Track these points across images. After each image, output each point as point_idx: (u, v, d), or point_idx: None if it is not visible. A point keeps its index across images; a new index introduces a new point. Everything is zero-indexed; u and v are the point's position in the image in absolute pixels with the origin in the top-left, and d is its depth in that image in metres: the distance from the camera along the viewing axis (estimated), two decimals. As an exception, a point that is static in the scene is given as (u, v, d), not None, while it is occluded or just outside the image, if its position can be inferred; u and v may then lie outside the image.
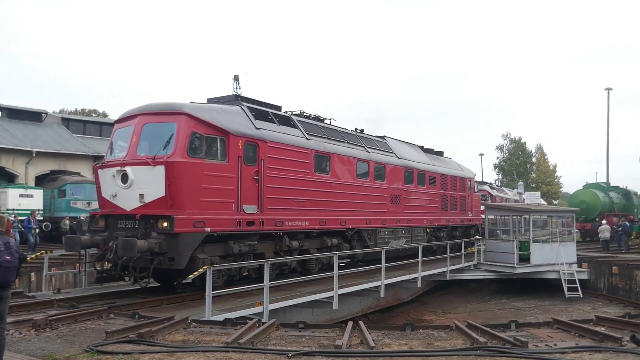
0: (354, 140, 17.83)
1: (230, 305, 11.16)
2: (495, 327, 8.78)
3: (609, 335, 7.90)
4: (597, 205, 34.06)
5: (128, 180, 11.71)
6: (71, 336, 8.24)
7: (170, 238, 11.15)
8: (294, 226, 14.33)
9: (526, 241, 20.56)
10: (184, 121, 11.79)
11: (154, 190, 11.41)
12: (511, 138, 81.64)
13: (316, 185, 15.20)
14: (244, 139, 12.77)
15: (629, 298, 19.01)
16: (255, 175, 13.07)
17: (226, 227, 12.23)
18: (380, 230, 18.27)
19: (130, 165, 11.71)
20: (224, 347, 7.32)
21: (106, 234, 12.20)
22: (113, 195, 12.13)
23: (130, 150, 11.99)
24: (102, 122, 42.55)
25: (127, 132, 12.41)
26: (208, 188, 11.87)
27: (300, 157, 14.70)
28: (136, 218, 11.58)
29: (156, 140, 11.89)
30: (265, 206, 13.30)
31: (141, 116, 12.34)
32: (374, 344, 7.42)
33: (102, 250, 12.08)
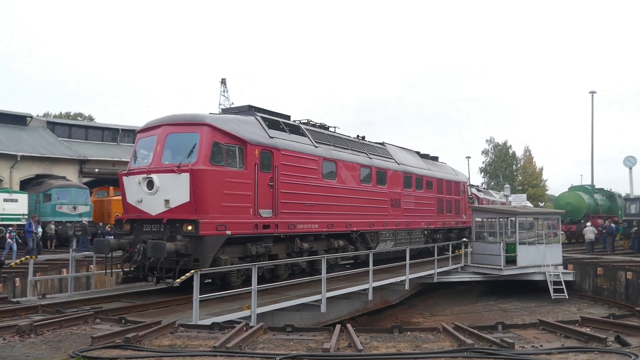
0: (357, 147, 18.73)
1: (218, 309, 11.12)
2: (482, 328, 8.83)
3: (594, 336, 7.97)
4: (582, 207, 34.43)
5: (154, 187, 12.51)
6: (56, 342, 8.15)
7: (195, 240, 11.95)
8: (304, 229, 15.19)
9: (513, 243, 20.70)
10: (206, 131, 12.61)
11: (179, 196, 12.23)
12: (495, 143, 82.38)
13: (324, 190, 16.14)
14: (259, 148, 13.67)
15: (614, 299, 19.21)
16: (270, 182, 13.97)
17: (245, 230, 13.11)
18: (382, 233, 19.20)
19: (155, 173, 12.52)
20: (211, 352, 7.28)
21: (132, 237, 13.02)
22: (138, 200, 12.89)
23: (155, 158, 12.80)
24: (88, 125, 42.33)
25: (151, 142, 13.24)
26: (228, 194, 12.72)
27: (310, 164, 15.63)
28: (163, 222, 12.34)
29: (180, 150, 12.70)
30: (279, 210, 14.19)
31: (165, 126, 13.15)
32: (362, 346, 7.42)
33: (129, 252, 12.82)
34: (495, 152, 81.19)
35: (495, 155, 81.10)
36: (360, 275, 15.73)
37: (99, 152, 36.31)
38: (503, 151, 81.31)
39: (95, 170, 34.37)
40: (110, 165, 35.47)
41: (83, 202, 28.99)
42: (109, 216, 30.92)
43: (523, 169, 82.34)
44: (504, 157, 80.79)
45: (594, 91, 41.69)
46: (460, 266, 21.00)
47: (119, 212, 30.94)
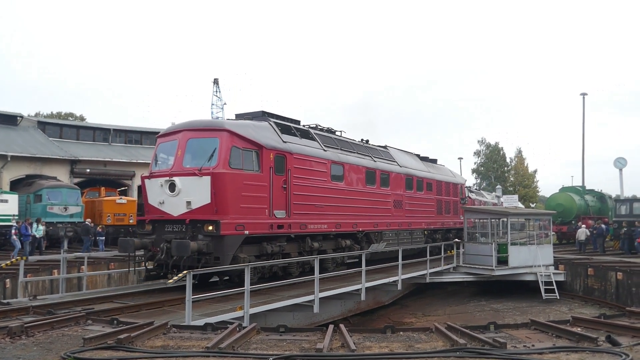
0: (362, 150, 19.56)
1: (211, 310, 11.10)
2: (474, 328, 8.86)
3: (585, 336, 8.02)
4: (573, 208, 34.63)
5: (176, 189, 13.19)
6: (48, 343, 8.10)
7: (216, 240, 12.63)
8: (315, 229, 15.96)
9: (504, 244, 20.78)
10: (226, 137, 13.30)
11: (200, 197, 12.90)
12: (487, 143, 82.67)
13: (332, 192, 16.90)
14: (274, 152, 14.41)
15: (604, 299, 19.34)
16: (284, 184, 14.71)
17: (261, 230, 13.86)
18: (386, 233, 20.02)
19: (177, 176, 13.18)
20: (204, 352, 7.26)
21: (154, 237, 13.64)
22: (160, 202, 13.56)
23: (177, 162, 13.46)
24: (79, 125, 42.07)
25: (172, 146, 13.95)
26: (246, 196, 13.45)
27: (319, 167, 16.41)
28: (186, 222, 12.93)
29: (200, 154, 13.36)
30: (292, 211, 14.94)
31: (185, 132, 13.83)
32: (355, 346, 7.43)
33: (152, 251, 13.45)
34: (487, 152, 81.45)
35: (487, 156, 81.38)
36: (353, 275, 15.77)
37: (91, 152, 36.09)
38: (495, 152, 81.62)
39: (87, 171, 34.17)
40: (101, 165, 35.29)
41: (74, 202, 28.80)
42: (100, 217, 30.75)
43: (515, 170, 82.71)
44: (495, 158, 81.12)
45: (585, 93, 42.00)
46: (453, 267, 21.06)
47: (111, 212, 30.97)
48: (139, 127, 42.55)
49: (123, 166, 36.35)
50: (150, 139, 41.76)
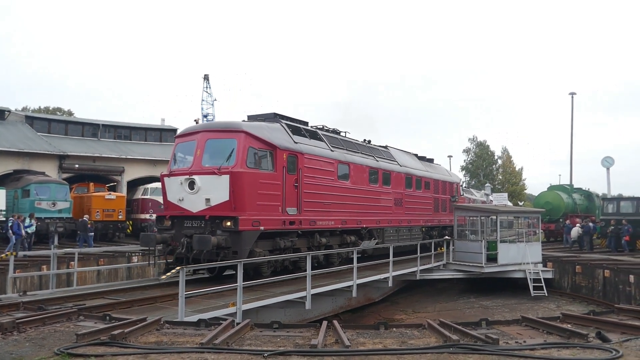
0: (365, 150, 20.35)
1: (203, 306, 11.08)
2: (466, 325, 8.93)
3: (575, 332, 8.12)
4: (561, 207, 34.95)
5: (195, 187, 13.82)
6: (40, 339, 8.06)
7: (235, 235, 13.34)
8: (323, 225, 16.79)
9: (494, 241, 20.94)
10: (243, 138, 13.99)
11: (219, 195, 13.52)
12: (477, 141, 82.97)
13: (339, 191, 17.62)
14: (287, 152, 15.09)
15: (592, 296, 19.56)
16: (295, 183, 15.42)
17: (275, 226, 14.58)
18: (387, 229, 20.79)
19: (197, 175, 13.83)
20: (198, 348, 7.27)
21: (173, 232, 14.32)
22: (180, 199, 14.18)
23: (196, 161, 14.11)
24: (68, 120, 41.70)
25: (190, 146, 14.60)
26: (262, 194, 14.13)
27: (327, 167, 17.12)
28: (205, 218, 13.66)
29: (218, 154, 14.07)
30: (303, 208, 15.65)
31: (203, 133, 14.57)
32: (349, 342, 7.47)
33: (172, 245, 14.07)
34: (476, 151, 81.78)
35: (476, 154, 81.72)
36: (345, 272, 15.82)
37: (79, 148, 35.75)
38: (484, 150, 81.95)
39: (76, 166, 33.85)
40: (90, 161, 34.99)
41: (63, 198, 28.55)
42: (89, 212, 30.52)
43: (503, 168, 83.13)
44: (484, 156, 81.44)
45: (574, 93, 42.41)
46: (442, 264, 21.18)
47: (99, 208, 30.75)
48: (128, 123, 42.22)
49: (112, 162, 36.09)
50: (140, 135, 41.56)
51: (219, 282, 13.73)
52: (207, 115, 50.80)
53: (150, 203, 32.89)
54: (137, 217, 33.71)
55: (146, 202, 33.06)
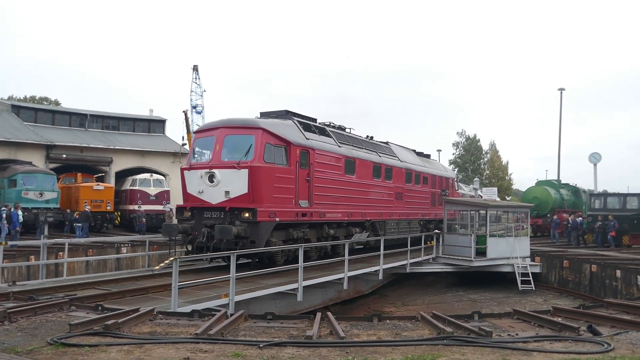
0: (368, 146, 21.14)
1: (196, 297, 11.05)
2: (459, 317, 9.00)
3: (567, 325, 8.21)
4: (549, 202, 35.20)
5: (215, 180, 14.58)
6: (32, 329, 8.00)
7: (253, 225, 14.12)
8: (331, 217, 17.58)
9: (483, 235, 21.07)
10: (260, 134, 14.75)
11: (238, 188, 14.33)
12: (466, 135, 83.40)
13: (346, 185, 18.41)
14: (299, 148, 15.85)
15: (578, 290, 19.79)
16: (307, 177, 16.19)
17: (289, 218, 15.36)
18: (388, 222, 21.63)
19: (217, 168, 14.60)
20: (193, 339, 7.26)
21: (193, 222, 15.03)
22: (200, 191, 14.91)
23: (215, 156, 14.89)
24: (54, 110, 41.22)
25: (209, 142, 15.40)
26: (277, 187, 14.91)
27: (335, 162, 17.89)
28: (225, 210, 14.42)
29: (236, 149, 14.82)
30: (314, 201, 16.43)
31: (222, 129, 15.29)
32: (344, 334, 7.50)
33: (192, 235, 14.78)
34: (465, 145, 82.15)
35: (465, 148, 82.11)
36: (335, 265, 15.86)
37: (67, 138, 35.35)
38: (473, 144, 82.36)
39: (63, 156, 33.48)
40: (78, 151, 34.65)
41: (50, 188, 28.23)
42: (76, 203, 30.27)
43: (490, 163, 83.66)
44: (473, 151, 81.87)
45: (563, 88, 42.66)
46: (432, 257, 21.28)
47: (87, 199, 30.47)
48: (116, 113, 41.80)
49: (100, 152, 35.76)
50: (128, 125, 41.19)
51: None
52: (196, 107, 50.34)
53: (139, 194, 32.69)
54: (126, 208, 33.47)
55: (135, 193, 32.83)
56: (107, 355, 6.55)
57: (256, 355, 6.63)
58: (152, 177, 33.94)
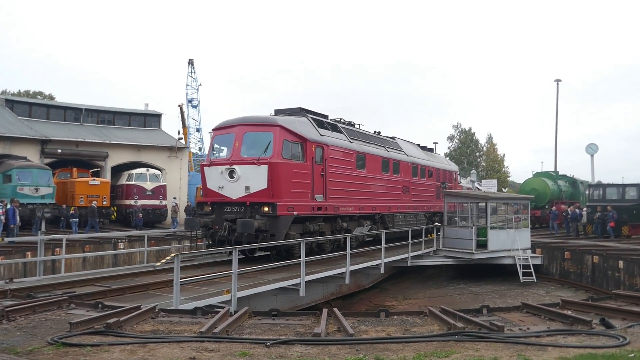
0: (377, 141, 21.66)
1: (197, 294, 10.86)
2: (468, 312, 8.85)
3: (578, 319, 8.06)
4: (547, 193, 35.11)
5: (235, 176, 15.17)
6: (31, 328, 7.78)
7: (272, 219, 14.65)
8: (344, 211, 18.03)
9: (483, 228, 20.92)
10: (279, 131, 15.28)
11: (258, 183, 14.89)
12: (461, 129, 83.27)
13: (357, 179, 18.90)
14: (315, 144, 16.34)
15: (580, 282, 19.69)
16: (322, 172, 16.68)
17: (306, 212, 15.83)
18: (397, 215, 22.10)
19: (237, 164, 15.16)
20: (198, 337, 7.06)
21: (213, 217, 15.59)
22: (220, 187, 15.49)
23: (235, 152, 15.39)
24: (49, 104, 40.65)
25: (228, 139, 15.95)
26: (295, 182, 15.43)
27: (348, 157, 18.38)
28: (246, 204, 15.00)
29: (255, 145, 15.34)
30: (328, 195, 16.92)
31: (241, 126, 15.83)
32: (352, 331, 7.31)
33: (212, 229, 15.37)
34: (461, 137, 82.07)
35: (461, 140, 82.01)
36: (336, 259, 15.68)
37: (62, 132, 34.89)
38: (468, 137, 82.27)
39: (58, 151, 33.06)
40: (73, 145, 34.22)
41: (45, 183, 27.85)
42: (72, 198, 29.96)
43: (487, 155, 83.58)
44: (468, 143, 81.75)
45: (559, 79, 42.62)
46: (432, 250, 21.13)
47: (83, 194, 30.16)
48: (111, 108, 41.32)
49: (96, 147, 35.34)
50: (124, 120, 40.77)
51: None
52: (192, 101, 50.06)
53: (135, 189, 32.35)
54: (122, 203, 33.13)
55: (131, 188, 32.50)
56: (110, 355, 6.33)
57: (264, 354, 6.44)
58: (148, 172, 33.59)
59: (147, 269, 14.14)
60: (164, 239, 22.37)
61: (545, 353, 6.45)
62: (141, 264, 16.09)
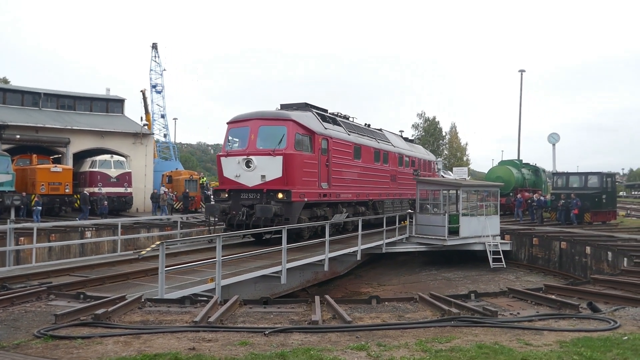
0: (368, 133, 23.35)
1: (180, 282, 10.61)
2: (457, 297, 8.92)
3: (566, 303, 8.22)
4: (512, 181, 35.83)
5: (252, 165, 16.62)
6: (12, 320, 7.44)
7: (287, 205, 16.18)
8: (344, 197, 19.74)
9: (455, 215, 21.20)
10: (291, 125, 16.80)
11: (273, 172, 16.36)
12: (425, 117, 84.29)
13: (355, 169, 20.61)
14: (321, 137, 17.89)
15: (548, 267, 20.25)
16: (326, 162, 18.24)
17: (314, 198, 17.48)
18: (386, 201, 23.87)
19: (254, 155, 16.61)
20: (193, 327, 6.88)
21: (230, 203, 16.98)
22: (237, 175, 16.88)
23: (251, 144, 16.86)
24: (5, 88, 39.04)
25: (244, 132, 17.33)
26: (305, 171, 16.98)
27: (347, 148, 19.98)
28: (263, 191, 16.45)
29: (269, 138, 16.75)
30: (332, 184, 18.54)
31: (255, 120, 17.28)
32: (349, 318, 7.26)
33: (230, 214, 16.70)
34: (425, 126, 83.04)
35: (425, 129, 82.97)
36: (312, 247, 15.65)
37: (20, 117, 33.53)
38: (432, 126, 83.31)
39: (17, 137, 31.76)
40: (33, 131, 32.95)
41: (4, 170, 26.68)
42: (33, 186, 28.89)
43: (449, 144, 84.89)
44: (432, 131, 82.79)
45: (523, 70, 43.38)
46: (405, 237, 21.31)
47: (45, 181, 29.13)
48: (72, 92, 40.01)
49: (56, 132, 34.10)
50: (85, 105, 39.49)
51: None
52: (156, 86, 48.88)
53: (99, 176, 31.43)
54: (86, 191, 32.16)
55: (95, 175, 31.54)
56: (104, 347, 6.09)
57: (264, 342, 6.32)
58: (112, 159, 32.66)
59: (122, 258, 13.76)
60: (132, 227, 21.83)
61: (542, 337, 6.54)
62: (115, 253, 15.65)
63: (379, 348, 6.05)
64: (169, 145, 51.89)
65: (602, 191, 27.91)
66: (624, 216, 35.27)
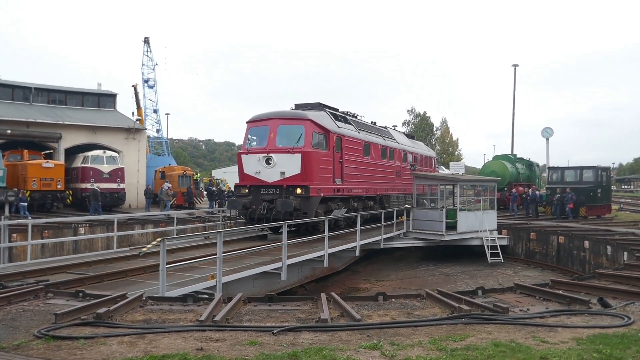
0: (376, 131, 24.31)
1: (179, 280, 10.40)
2: (464, 294, 8.77)
3: (575, 298, 8.10)
4: (506, 176, 35.78)
5: (272, 162, 17.55)
6: (10, 320, 7.21)
7: (305, 200, 17.08)
8: (355, 192, 20.69)
9: (453, 210, 21.10)
10: (309, 124, 17.72)
11: (293, 169, 17.34)
12: (416, 113, 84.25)
13: (364, 165, 21.54)
14: (335, 135, 18.83)
15: (545, 262, 20.20)
16: (340, 159, 19.22)
17: (329, 193, 18.41)
18: (391, 196, 25.04)
19: (274, 153, 17.55)
20: (198, 326, 6.68)
21: (250, 198, 17.87)
22: (257, 172, 17.86)
23: (270, 142, 17.80)
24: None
25: (263, 130, 18.25)
26: (322, 168, 17.92)
27: (357, 146, 20.92)
28: (282, 187, 17.40)
29: (288, 137, 17.72)
30: (345, 180, 19.52)
31: (275, 120, 18.19)
32: (359, 316, 7.09)
33: (252, 208, 17.62)
34: (416, 122, 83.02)
35: (416, 125, 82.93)
36: (310, 242, 15.50)
37: (10, 112, 33.03)
38: (423, 121, 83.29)
39: (8, 132, 31.24)
40: (24, 126, 32.45)
41: (-6, 165, 26.34)
42: (24, 182, 28.48)
43: (441, 139, 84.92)
44: (423, 127, 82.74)
45: (517, 64, 43.38)
46: (403, 232, 21.18)
47: (36, 177, 28.70)
48: (63, 87, 39.46)
49: (48, 127, 33.62)
50: (76, 100, 38.99)
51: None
52: (148, 81, 48.37)
53: (92, 171, 31.02)
54: (78, 187, 31.78)
55: (87, 171, 31.14)
56: (108, 348, 5.89)
57: (273, 342, 6.14)
58: (105, 154, 32.23)
59: (119, 255, 13.53)
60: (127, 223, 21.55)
61: (557, 334, 6.41)
62: (108, 250, 15.39)
63: (393, 347, 5.90)
64: (161, 141, 51.42)
65: (597, 185, 27.92)
66: (617, 210, 35.37)
